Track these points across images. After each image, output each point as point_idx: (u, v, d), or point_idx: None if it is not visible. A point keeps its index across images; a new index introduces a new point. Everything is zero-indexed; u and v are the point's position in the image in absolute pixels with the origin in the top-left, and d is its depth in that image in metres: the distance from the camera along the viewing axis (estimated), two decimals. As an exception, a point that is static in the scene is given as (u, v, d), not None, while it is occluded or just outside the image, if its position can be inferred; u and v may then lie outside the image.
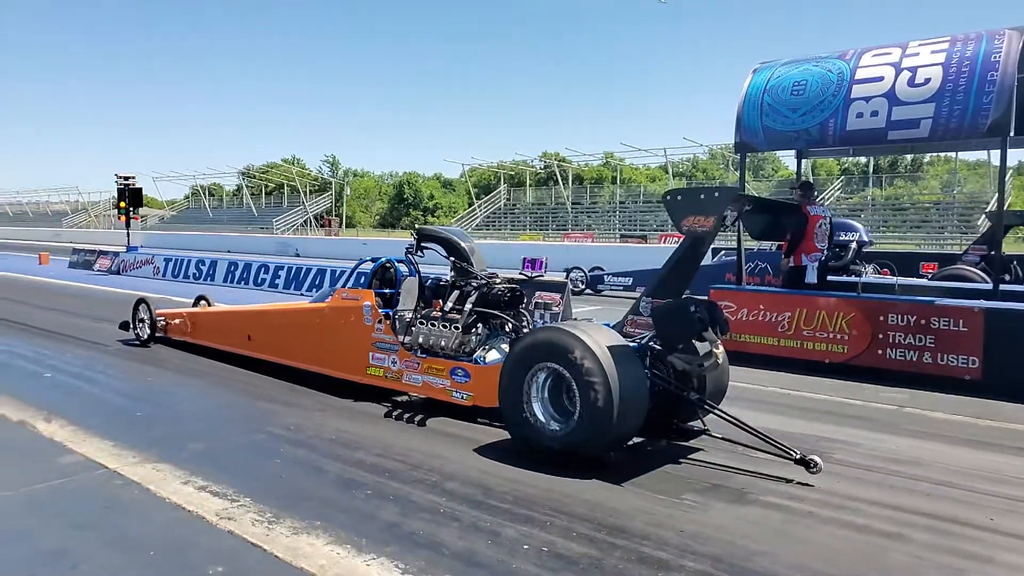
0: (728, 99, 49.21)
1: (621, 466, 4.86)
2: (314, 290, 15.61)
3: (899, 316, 7.50)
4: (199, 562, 3.44)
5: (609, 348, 4.75)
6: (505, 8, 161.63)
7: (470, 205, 59.65)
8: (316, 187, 68.15)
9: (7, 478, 4.47)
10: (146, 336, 9.38)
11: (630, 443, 5.14)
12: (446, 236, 6.79)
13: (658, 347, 5.21)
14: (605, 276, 16.83)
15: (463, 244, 6.66)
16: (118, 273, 21.47)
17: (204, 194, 71.72)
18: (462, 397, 5.95)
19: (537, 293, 11.57)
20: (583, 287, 16.46)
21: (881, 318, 7.59)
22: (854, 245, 13.19)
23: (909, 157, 52.04)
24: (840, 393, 7.16)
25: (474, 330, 6.12)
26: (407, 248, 6.85)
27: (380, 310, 6.64)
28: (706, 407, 5.25)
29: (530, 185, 56.01)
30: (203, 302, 9.84)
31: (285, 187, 66.46)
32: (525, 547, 3.63)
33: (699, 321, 5.01)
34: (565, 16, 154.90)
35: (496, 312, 6.12)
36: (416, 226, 7.96)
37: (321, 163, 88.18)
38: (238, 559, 3.49)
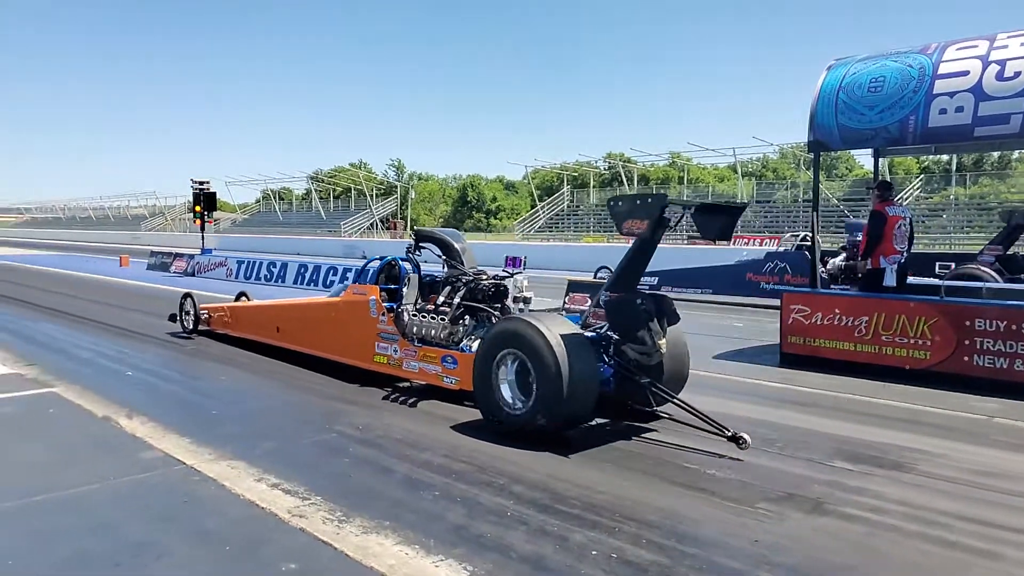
0: (800, 97, 47.99)
1: (691, 473, 4.75)
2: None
3: (988, 321, 7.13)
4: (273, 558, 3.50)
5: (563, 336, 5.29)
6: (568, 8, 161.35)
7: (533, 207, 59.65)
8: (382, 190, 69.31)
9: (94, 471, 4.65)
10: (191, 327, 10.17)
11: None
12: (441, 237, 7.48)
13: (616, 336, 5.66)
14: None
15: (456, 244, 7.35)
16: (193, 275, 22.21)
17: (275, 198, 73.69)
18: (451, 382, 6.49)
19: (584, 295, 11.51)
20: None
21: (967, 323, 7.24)
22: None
23: (996, 154, 49.67)
24: (923, 401, 6.84)
25: (462, 321, 6.73)
26: (407, 247, 7.54)
27: (384, 304, 7.22)
28: (654, 390, 5.61)
29: (594, 186, 55.63)
30: (243, 298, 10.55)
31: (352, 191, 67.75)
32: (593, 553, 3.58)
33: (644, 312, 5.56)
34: (630, 14, 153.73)
35: (481, 305, 6.75)
36: (415, 228, 8.72)
37: (387, 167, 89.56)
38: (310, 557, 3.54)
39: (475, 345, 6.28)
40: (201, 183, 27.58)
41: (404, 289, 7.32)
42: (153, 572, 3.35)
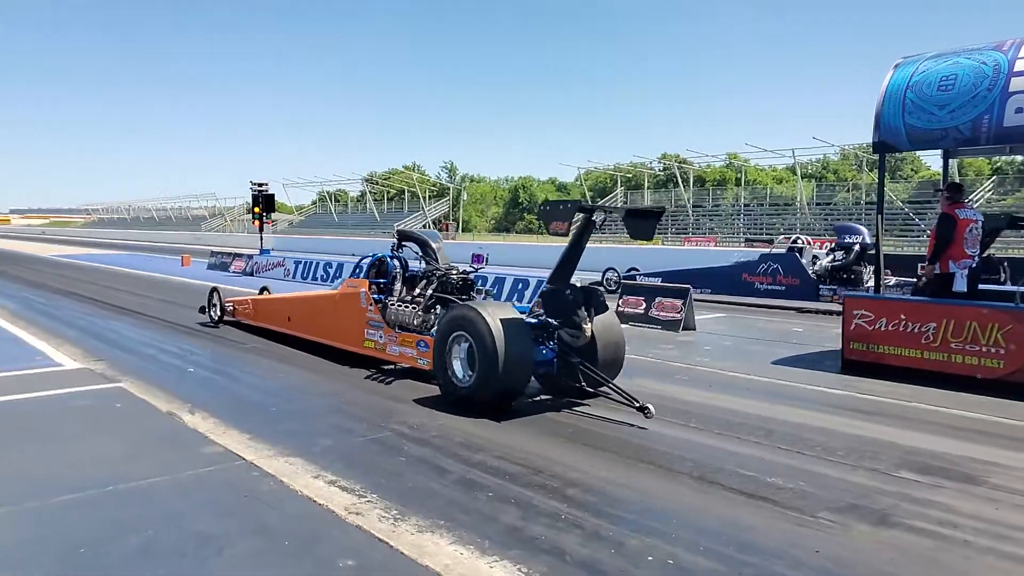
0: (864, 96, 46.76)
1: (750, 480, 4.65)
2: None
3: (1067, 329, 6.82)
4: (330, 554, 3.55)
5: (503, 321, 6.07)
6: (624, 6, 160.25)
7: (586, 208, 59.35)
8: (435, 192, 69.95)
9: (160, 464, 4.79)
10: (217, 318, 11.27)
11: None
12: (419, 236, 8.42)
13: (554, 323, 6.58)
14: (638, 276, 17.21)
15: (432, 244, 8.24)
16: (251, 275, 22.71)
17: (330, 199, 75.03)
18: (424, 363, 7.22)
19: (658, 300, 11.39)
20: (615, 287, 16.40)
21: (1046, 331, 6.92)
22: (857, 247, 14.29)
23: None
24: (996, 412, 6.55)
25: (433, 311, 7.54)
26: (392, 246, 8.50)
27: (373, 296, 8.15)
28: (582, 368, 6.47)
29: (648, 187, 55.14)
30: (265, 292, 11.65)
31: (406, 192, 68.54)
32: (649, 559, 3.54)
33: (572, 303, 6.39)
34: (686, 12, 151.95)
35: (451, 296, 7.48)
36: (397, 228, 9.85)
37: (440, 169, 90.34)
38: (366, 554, 3.57)
39: None
40: (260, 185, 28.20)
41: (391, 282, 8.29)
42: (216, 564, 3.43)
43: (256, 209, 28.37)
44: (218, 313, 11.35)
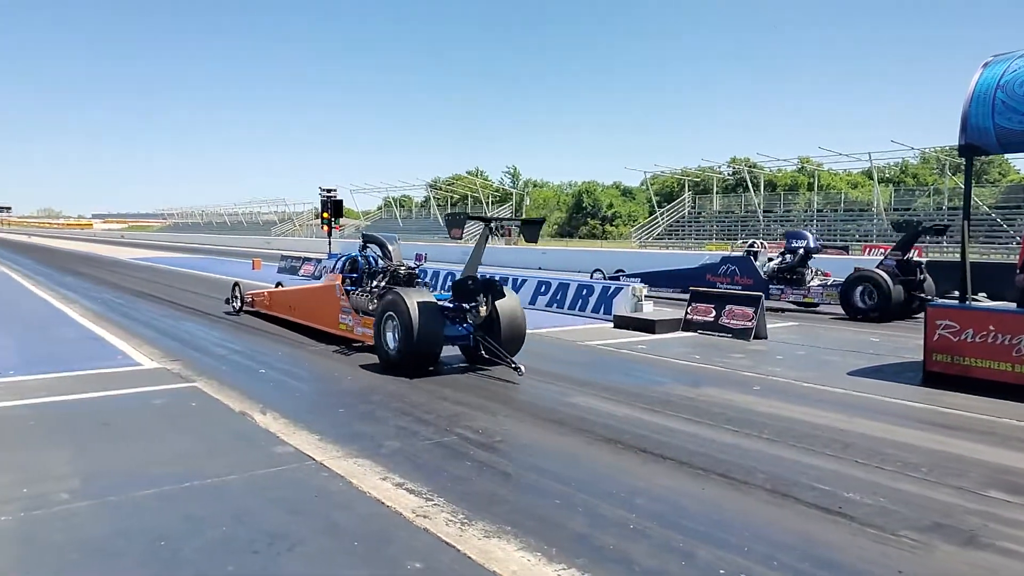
0: (948, 97, 44.96)
1: (826, 495, 4.49)
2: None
3: None
4: (399, 556, 3.56)
5: (419, 304, 7.84)
6: (688, 8, 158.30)
7: (651, 213, 58.74)
8: (497, 197, 70.24)
9: (233, 463, 4.90)
10: (238, 308, 13.26)
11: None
12: (379, 239, 10.19)
13: (467, 306, 8.27)
14: (621, 276, 18.02)
15: (389, 245, 10.01)
16: (319, 279, 23.12)
17: (395, 205, 76.18)
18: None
19: (728, 307, 11.14)
20: None
21: None
22: (801, 251, 16.13)
23: None
24: (1090, 429, 6.19)
25: (384, 298, 8.65)
26: (359, 247, 10.42)
27: (345, 287, 9.95)
28: (478, 338, 8.27)
29: (717, 192, 54.17)
30: (280, 286, 13.25)
31: (469, 198, 69.06)
32: (721, 572, 3.44)
33: (472, 290, 8.11)
34: (755, 14, 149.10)
35: (394, 286, 9.02)
36: (363, 232, 11.79)
37: (503, 174, 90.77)
38: (434, 557, 3.57)
39: None
40: (329, 191, 28.77)
41: (363, 277, 9.96)
42: (287, 562, 3.48)
43: (325, 214, 28.94)
44: (239, 304, 13.28)
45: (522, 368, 7.77)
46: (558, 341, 10.72)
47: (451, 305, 8.45)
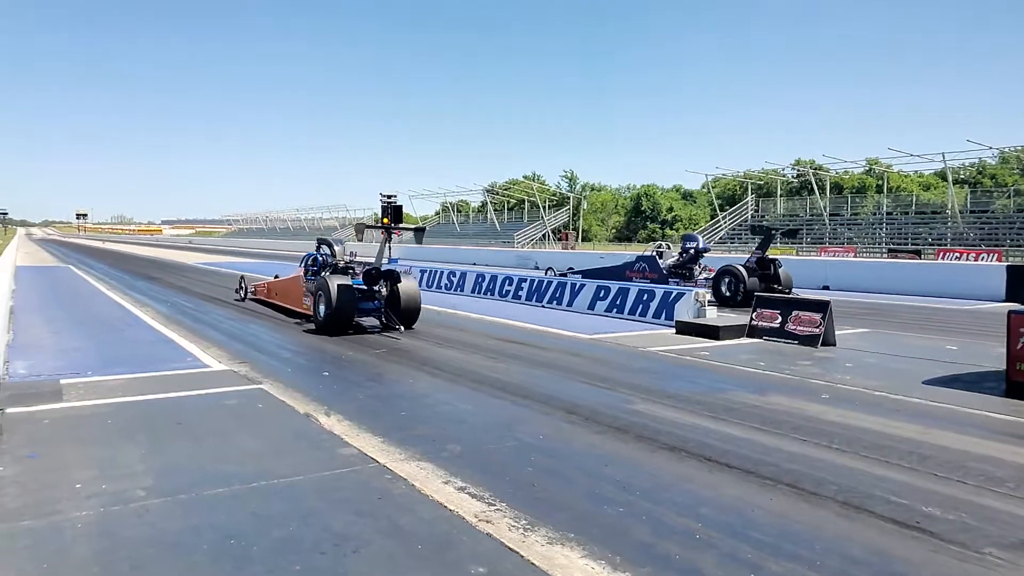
0: None
1: (903, 509, 4.31)
2: (554, 302, 15.97)
3: None
4: (462, 560, 3.56)
5: (338, 286, 11.23)
6: (747, 9, 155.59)
7: (713, 217, 57.84)
8: (554, 202, 70.12)
9: (299, 464, 4.99)
10: (243, 296, 16.73)
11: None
12: (328, 241, 13.46)
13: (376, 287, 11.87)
14: (568, 273, 21.15)
15: (335, 245, 13.08)
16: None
17: (452, 210, 76.77)
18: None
19: (795, 313, 10.86)
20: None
21: None
22: (692, 251, 19.53)
23: None
24: None
25: None
26: (316, 247, 13.60)
27: (307, 277, 13.28)
28: (385, 310, 11.92)
29: (781, 195, 53.00)
30: (277, 276, 16.21)
31: (525, 202, 69.14)
32: (793, 587, 3.33)
33: (375, 277, 11.68)
34: (817, 11, 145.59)
35: (366, 283, 11.93)
36: (318, 238, 14.97)
37: (560, 178, 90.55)
38: (497, 562, 3.56)
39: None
40: (389, 196, 29.14)
41: (320, 270, 12.96)
42: (353, 563, 3.51)
43: (385, 220, 29.34)
44: (244, 293, 16.78)
45: (402, 328, 11.77)
46: (619, 347, 10.62)
47: (364, 287, 11.90)
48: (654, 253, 20.84)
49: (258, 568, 3.44)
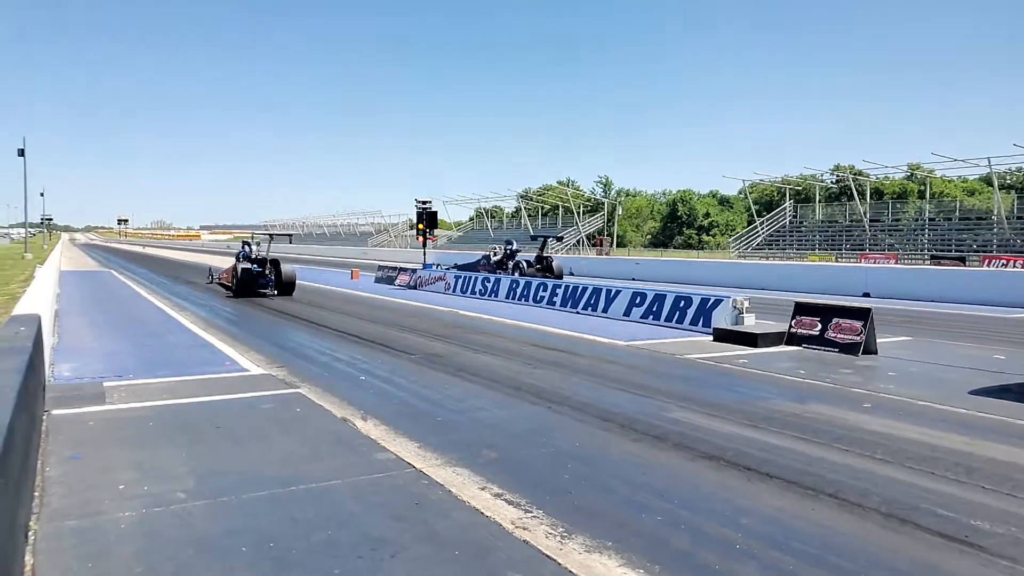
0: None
1: (950, 521, 4.19)
2: (589, 309, 15.90)
3: None
4: (498, 567, 3.54)
5: (242, 269, 19.91)
6: (788, 9, 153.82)
7: (750, 223, 57.19)
8: (589, 207, 69.96)
9: (336, 468, 5.02)
10: (210, 281, 22.90)
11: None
12: (248, 241, 21.07)
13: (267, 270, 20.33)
14: (455, 264, 28.42)
15: (253, 245, 20.59)
16: (415, 288, 23.63)
17: (486, 216, 76.97)
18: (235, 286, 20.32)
19: (835, 321, 10.67)
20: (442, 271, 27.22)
21: None
22: (509, 251, 26.95)
23: None
24: None
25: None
26: (243, 243, 21.19)
27: (241, 266, 19.98)
28: (273, 286, 20.10)
29: (819, 201, 52.23)
30: (236, 263, 20.84)
31: (560, 208, 69.06)
32: (837, 600, 3.26)
33: (263, 261, 20.21)
34: (863, 13, 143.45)
35: (260, 267, 19.87)
36: (242, 240, 21.86)
37: (595, 184, 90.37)
38: (534, 570, 3.54)
39: None
40: (424, 203, 29.44)
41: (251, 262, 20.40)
42: (390, 568, 3.51)
43: (420, 225, 29.59)
44: (210, 279, 23.08)
45: (275, 292, 19.80)
46: (656, 354, 10.53)
47: (259, 269, 19.80)
48: (489, 253, 28.80)
49: (297, 571, 3.46)
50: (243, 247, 20.84)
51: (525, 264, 26.50)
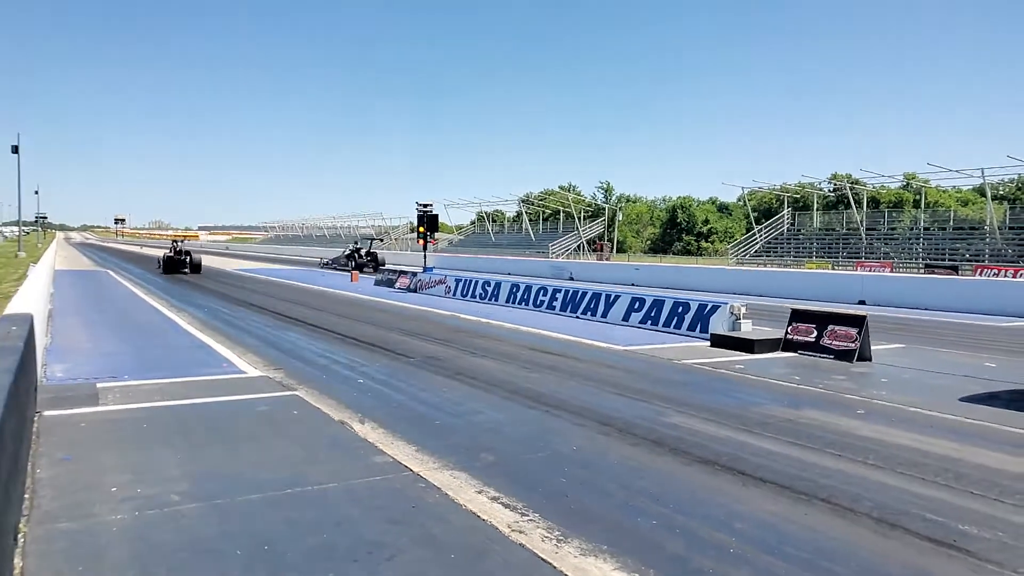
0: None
1: (938, 526, 4.23)
2: (588, 313, 15.94)
3: None
4: (495, 570, 3.58)
5: (165, 256, 33.65)
6: (788, 17, 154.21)
7: (748, 230, 57.30)
8: (589, 213, 70.00)
9: (333, 471, 5.04)
10: (159, 267, 34.07)
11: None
12: (175, 239, 36.53)
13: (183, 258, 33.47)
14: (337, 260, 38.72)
15: (178, 245, 33.80)
16: (415, 291, 23.63)
17: (488, 220, 77.00)
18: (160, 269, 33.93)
19: (831, 328, 10.72)
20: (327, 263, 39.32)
21: None
22: (351, 249, 38.51)
23: None
24: None
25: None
26: (172, 243, 35.07)
27: (166, 256, 33.38)
28: (188, 267, 32.82)
29: (817, 209, 52.40)
30: (174, 249, 34.46)
31: (561, 213, 69.13)
32: (828, 605, 3.29)
33: (181, 252, 33.38)
34: (861, 21, 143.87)
35: (183, 259, 32.94)
36: (174, 238, 37.80)
37: (595, 189, 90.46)
38: (530, 573, 3.58)
39: None
40: (425, 206, 29.46)
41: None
42: (386, 571, 3.55)
43: (421, 228, 29.62)
44: (159, 265, 33.55)
45: (190, 272, 32.18)
46: (653, 359, 10.57)
47: (179, 258, 32.36)
48: (343, 251, 36.00)
49: (292, 575, 3.49)
50: (173, 242, 33.49)
51: (361, 256, 37.41)
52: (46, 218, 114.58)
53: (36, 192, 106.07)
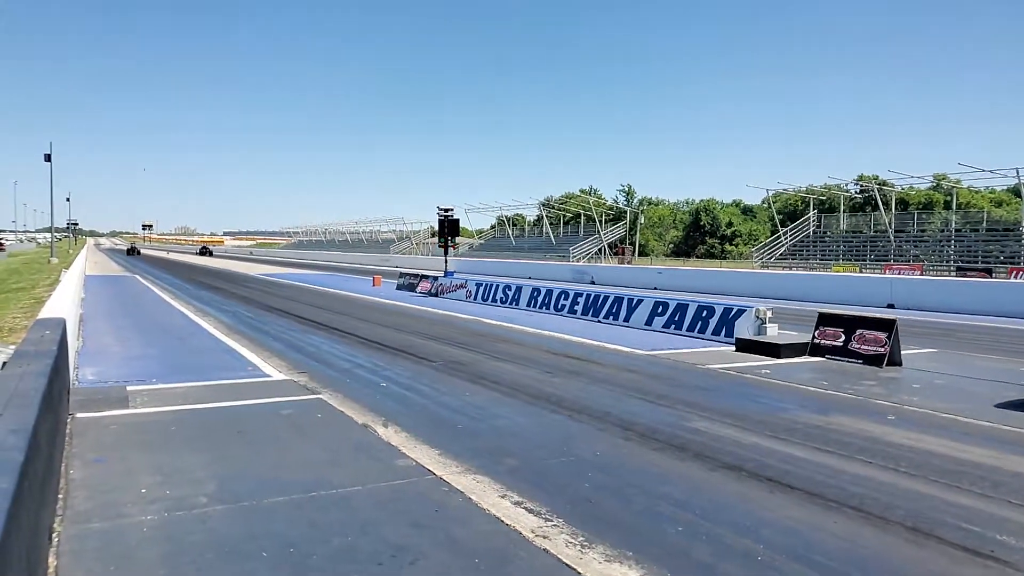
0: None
1: (975, 536, 4.13)
2: (611, 318, 15.86)
3: None
4: (519, 576, 3.54)
5: (129, 249, 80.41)
6: (813, 18, 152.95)
7: (773, 232, 56.77)
8: (611, 216, 69.74)
9: (357, 474, 5.05)
10: (135, 254, 75.18)
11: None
12: (133, 246, 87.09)
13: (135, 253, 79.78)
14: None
15: (138, 248, 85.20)
16: (436, 295, 23.69)
17: (508, 224, 77.00)
18: None
19: (859, 332, 10.56)
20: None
21: None
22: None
23: None
24: None
25: None
26: (132, 247, 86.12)
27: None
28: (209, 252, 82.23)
29: (844, 211, 51.75)
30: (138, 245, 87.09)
31: (582, 217, 68.95)
32: (860, 615, 3.22)
33: (133, 250, 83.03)
34: (884, 21, 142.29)
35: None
36: (132, 243, 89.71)
37: (617, 192, 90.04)
38: (554, 579, 3.53)
39: None
40: (446, 210, 29.52)
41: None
42: (409, 575, 3.52)
43: (442, 233, 29.68)
44: (133, 252, 74.95)
45: (136, 251, 75.93)
46: (677, 364, 10.47)
47: (135, 253, 77.14)
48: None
49: (317, 577, 3.48)
50: (132, 243, 48.78)
51: None
52: (77, 224, 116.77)
53: (68, 199, 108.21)
